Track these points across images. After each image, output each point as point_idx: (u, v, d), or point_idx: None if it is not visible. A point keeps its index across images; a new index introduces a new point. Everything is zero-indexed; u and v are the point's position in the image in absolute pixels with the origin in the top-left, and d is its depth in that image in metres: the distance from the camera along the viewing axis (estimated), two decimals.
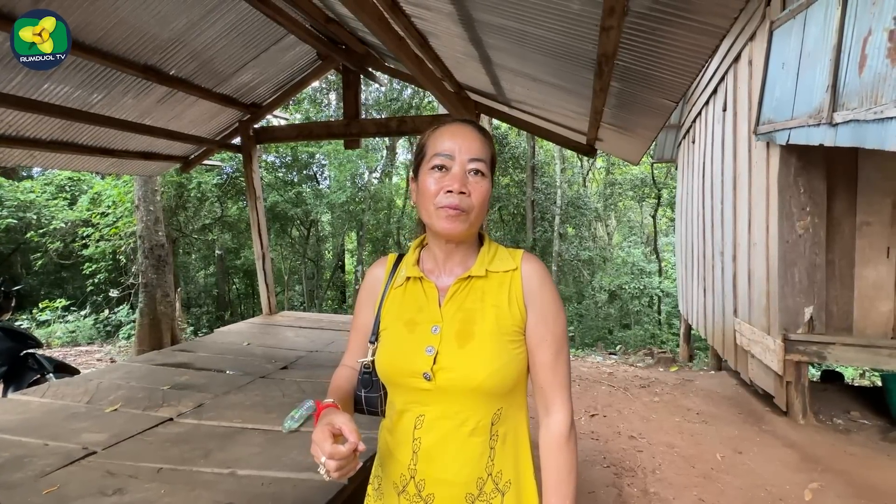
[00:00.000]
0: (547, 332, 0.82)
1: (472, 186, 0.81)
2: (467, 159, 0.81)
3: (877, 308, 3.63)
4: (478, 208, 0.81)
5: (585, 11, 1.66)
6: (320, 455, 0.68)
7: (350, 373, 0.94)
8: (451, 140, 0.82)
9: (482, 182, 0.82)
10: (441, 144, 0.82)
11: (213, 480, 1.55)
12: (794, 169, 3.57)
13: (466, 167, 0.81)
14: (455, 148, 0.81)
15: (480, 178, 0.82)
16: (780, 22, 3.54)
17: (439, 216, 0.80)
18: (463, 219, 0.80)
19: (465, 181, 0.80)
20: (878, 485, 2.68)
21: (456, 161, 0.81)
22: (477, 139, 0.83)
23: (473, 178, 0.81)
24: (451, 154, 0.81)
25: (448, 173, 0.81)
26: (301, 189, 12.15)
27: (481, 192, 0.81)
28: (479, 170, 0.82)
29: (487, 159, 0.84)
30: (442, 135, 0.83)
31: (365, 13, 1.92)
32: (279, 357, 3.10)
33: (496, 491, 0.81)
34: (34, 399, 2.30)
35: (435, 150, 0.83)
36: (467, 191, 0.80)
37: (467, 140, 0.82)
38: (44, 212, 9.47)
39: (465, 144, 0.82)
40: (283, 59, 4.08)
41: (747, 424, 3.64)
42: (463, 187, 0.79)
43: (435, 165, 0.82)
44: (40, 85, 2.98)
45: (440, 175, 0.81)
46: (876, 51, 2.37)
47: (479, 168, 0.82)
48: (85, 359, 6.92)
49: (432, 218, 0.81)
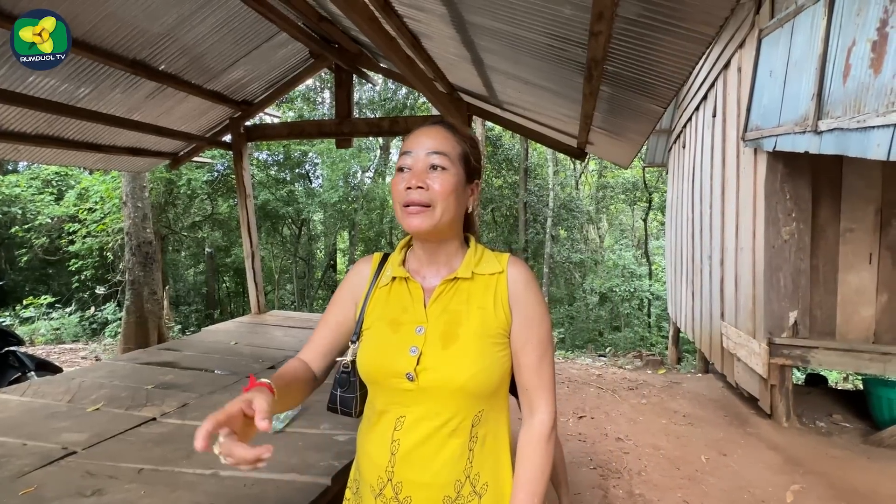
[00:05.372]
0: (532, 336, 0.83)
1: (432, 180, 0.81)
2: (424, 154, 0.82)
3: (859, 313, 3.69)
4: (442, 202, 0.80)
5: (576, 16, 1.67)
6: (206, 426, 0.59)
7: (301, 365, 0.87)
8: (412, 140, 0.84)
9: (442, 175, 0.81)
10: (404, 147, 0.84)
11: (195, 481, 1.53)
12: (780, 175, 3.63)
13: (425, 162, 0.81)
14: (414, 145, 0.83)
15: (441, 172, 0.81)
16: (769, 30, 3.59)
17: (404, 215, 0.81)
18: (427, 214, 0.80)
19: (424, 176, 0.81)
20: (858, 487, 2.72)
21: (414, 158, 0.82)
22: (439, 135, 0.84)
23: (432, 173, 0.81)
24: (410, 151, 0.83)
25: (409, 172, 0.82)
26: (293, 187, 12.09)
27: (442, 184, 0.81)
28: (437, 164, 0.81)
29: (452, 153, 0.83)
30: (408, 138, 0.85)
31: (355, 12, 1.91)
32: (267, 357, 3.08)
33: (473, 493, 0.81)
34: (13, 398, 2.25)
35: (400, 153, 0.85)
36: (425, 185, 0.80)
37: (429, 137, 0.83)
38: (29, 207, 9.32)
39: (425, 141, 0.83)
40: (275, 57, 4.06)
41: (732, 427, 3.68)
42: (420, 182, 0.80)
43: (400, 167, 0.83)
44: (25, 78, 2.93)
45: (401, 176, 0.82)
46: (859, 60, 2.41)
47: (437, 162, 0.81)
48: (69, 357, 6.80)
49: (401, 218, 0.82)
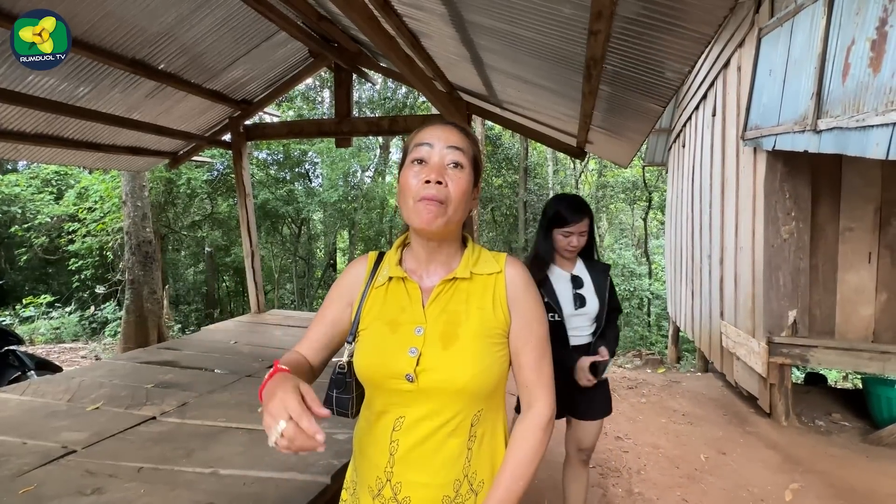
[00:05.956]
0: (531, 336, 0.83)
1: (451, 177, 0.80)
2: (445, 147, 0.81)
3: (858, 312, 3.70)
4: (455, 202, 0.80)
5: (575, 15, 1.67)
6: (283, 416, 0.58)
7: (301, 357, 0.87)
8: (430, 133, 0.83)
9: (461, 175, 0.81)
10: (421, 138, 0.83)
11: (195, 480, 1.54)
12: (779, 174, 3.63)
13: (445, 158, 0.80)
14: (434, 138, 0.82)
15: (459, 171, 0.81)
16: (769, 29, 3.59)
17: (418, 210, 0.78)
18: (440, 211, 0.78)
19: (443, 172, 0.80)
20: (856, 485, 2.72)
21: (434, 151, 0.81)
22: (457, 133, 0.83)
23: (452, 171, 0.80)
24: (431, 143, 0.81)
25: (426, 165, 0.80)
26: (293, 187, 12.08)
27: (459, 184, 0.80)
28: (457, 161, 0.81)
29: (468, 153, 0.83)
30: (423, 131, 0.84)
31: (354, 11, 1.91)
32: (266, 356, 3.08)
33: (471, 491, 0.81)
34: (13, 397, 2.26)
35: (415, 144, 0.83)
36: (444, 181, 0.79)
37: (446, 132, 0.83)
38: (29, 206, 9.31)
39: (444, 135, 0.82)
40: (275, 56, 4.05)
41: (731, 426, 3.68)
42: (440, 177, 0.78)
43: (414, 159, 0.81)
44: (24, 77, 2.93)
45: (419, 168, 0.80)
46: (859, 59, 2.41)
47: (457, 160, 0.81)
48: (69, 356, 6.80)
49: (411, 213, 0.80)
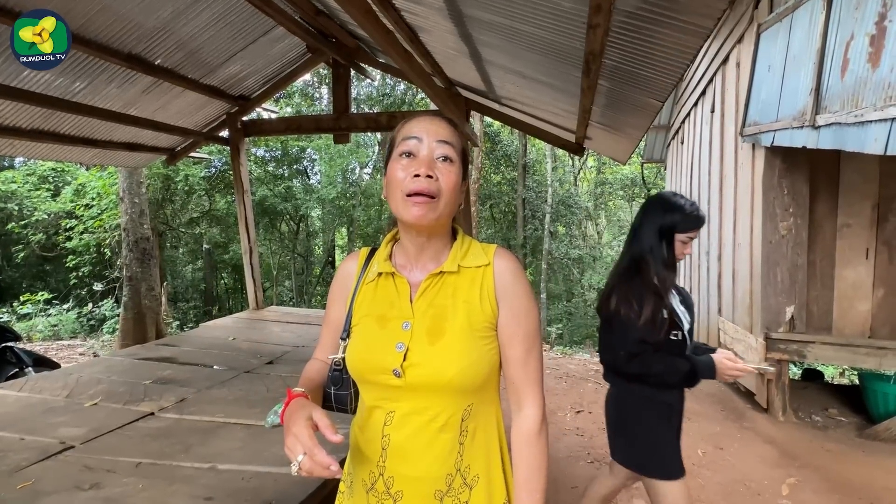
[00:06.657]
0: (518, 329, 0.82)
1: (441, 171, 0.79)
2: (434, 141, 0.79)
3: (855, 308, 3.71)
4: (446, 196, 0.79)
5: (574, 9, 1.66)
6: (299, 451, 0.64)
7: (321, 366, 0.93)
8: (418, 125, 0.81)
9: (451, 168, 0.80)
10: (409, 131, 0.81)
11: (193, 475, 1.54)
12: (778, 171, 3.63)
13: (434, 152, 0.79)
14: (422, 132, 0.80)
15: (449, 164, 0.80)
16: (767, 25, 3.58)
17: (407, 204, 0.77)
18: (432, 206, 0.77)
19: (433, 165, 0.78)
20: (852, 480, 2.74)
21: (423, 144, 0.79)
22: (446, 126, 0.82)
23: (442, 164, 0.79)
24: (419, 137, 0.80)
25: (415, 159, 0.79)
26: (291, 183, 12.05)
27: (449, 177, 0.79)
28: (447, 155, 0.79)
29: (457, 146, 0.82)
30: (409, 123, 0.83)
31: (352, 6, 1.90)
32: (265, 352, 3.08)
33: (464, 486, 0.81)
34: (11, 393, 2.25)
35: (402, 137, 0.81)
36: (435, 175, 0.78)
37: (435, 125, 0.81)
38: (26, 203, 9.27)
39: (433, 129, 0.81)
40: (272, 52, 4.03)
41: (729, 421, 3.70)
42: (430, 171, 0.77)
43: (402, 152, 0.80)
44: (20, 72, 2.91)
45: (408, 161, 0.79)
46: (858, 55, 2.41)
47: (447, 153, 0.79)
48: (67, 353, 6.79)
49: (400, 207, 0.79)
